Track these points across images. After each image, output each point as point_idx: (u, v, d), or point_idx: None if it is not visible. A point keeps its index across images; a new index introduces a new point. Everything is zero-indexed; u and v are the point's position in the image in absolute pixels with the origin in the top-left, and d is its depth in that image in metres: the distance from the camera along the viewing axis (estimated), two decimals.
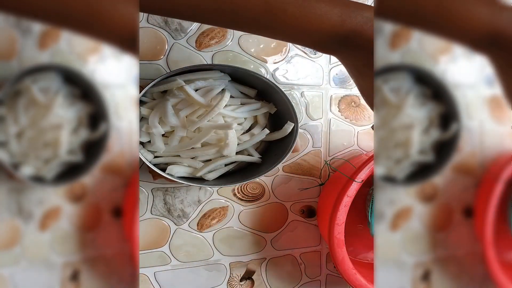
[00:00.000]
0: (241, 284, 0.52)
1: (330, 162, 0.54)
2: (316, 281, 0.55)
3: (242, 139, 0.46)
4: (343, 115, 0.54)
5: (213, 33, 0.48)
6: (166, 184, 0.48)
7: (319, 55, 0.53)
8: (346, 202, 0.44)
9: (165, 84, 0.43)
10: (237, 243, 0.51)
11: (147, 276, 0.48)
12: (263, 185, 0.51)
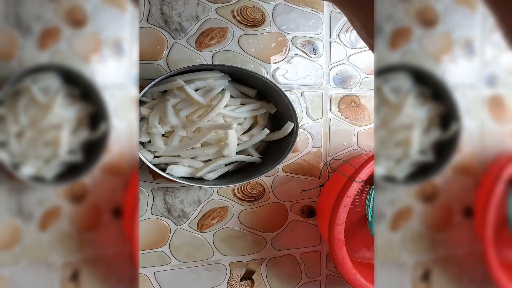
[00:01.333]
0: (241, 284, 0.52)
1: (330, 163, 0.54)
2: (316, 281, 0.55)
3: (242, 139, 0.46)
4: (343, 115, 0.54)
5: (213, 33, 0.48)
6: (166, 184, 0.48)
7: (319, 55, 0.53)
8: (346, 202, 0.44)
9: (165, 84, 0.43)
10: (237, 243, 0.51)
11: (147, 276, 0.48)
12: (263, 185, 0.51)
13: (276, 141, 0.47)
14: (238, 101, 0.46)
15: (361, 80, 0.55)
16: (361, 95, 0.55)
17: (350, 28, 0.54)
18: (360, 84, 0.55)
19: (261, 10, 0.50)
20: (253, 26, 0.50)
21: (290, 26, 0.51)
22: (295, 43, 0.52)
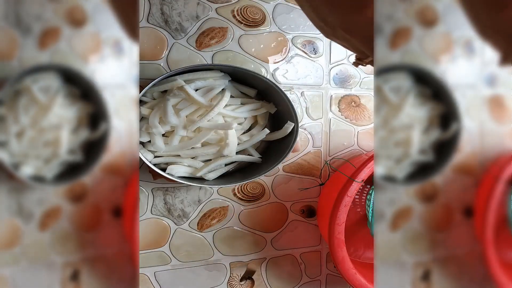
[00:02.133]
0: (241, 284, 0.52)
1: (330, 162, 0.54)
2: (316, 281, 0.55)
3: (242, 139, 0.45)
4: (343, 115, 0.54)
5: (213, 33, 0.48)
6: (166, 184, 0.48)
7: (319, 54, 0.53)
8: (346, 202, 0.44)
9: (165, 84, 0.43)
10: (237, 243, 0.51)
11: (147, 276, 0.48)
12: (263, 185, 0.51)
13: (276, 141, 0.47)
14: (238, 101, 0.46)
15: (361, 80, 0.55)
16: (361, 95, 0.55)
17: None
18: (360, 84, 0.55)
19: (261, 10, 0.50)
20: (253, 26, 0.50)
21: (290, 26, 0.51)
22: (295, 43, 0.52)
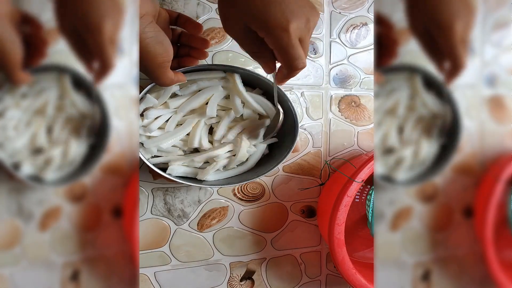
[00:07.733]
0: (241, 284, 0.52)
1: (330, 162, 0.54)
2: (316, 281, 0.55)
3: (250, 151, 0.46)
4: (343, 115, 0.54)
5: (213, 33, 0.48)
6: (166, 184, 0.48)
7: (319, 55, 0.53)
8: (346, 202, 0.44)
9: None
10: (237, 243, 0.51)
11: (147, 276, 0.48)
12: (263, 185, 0.51)
13: (276, 141, 0.47)
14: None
15: (361, 80, 0.55)
16: (361, 95, 0.55)
17: (351, 28, 0.54)
18: (360, 84, 0.55)
19: None
20: None
21: None
22: None
